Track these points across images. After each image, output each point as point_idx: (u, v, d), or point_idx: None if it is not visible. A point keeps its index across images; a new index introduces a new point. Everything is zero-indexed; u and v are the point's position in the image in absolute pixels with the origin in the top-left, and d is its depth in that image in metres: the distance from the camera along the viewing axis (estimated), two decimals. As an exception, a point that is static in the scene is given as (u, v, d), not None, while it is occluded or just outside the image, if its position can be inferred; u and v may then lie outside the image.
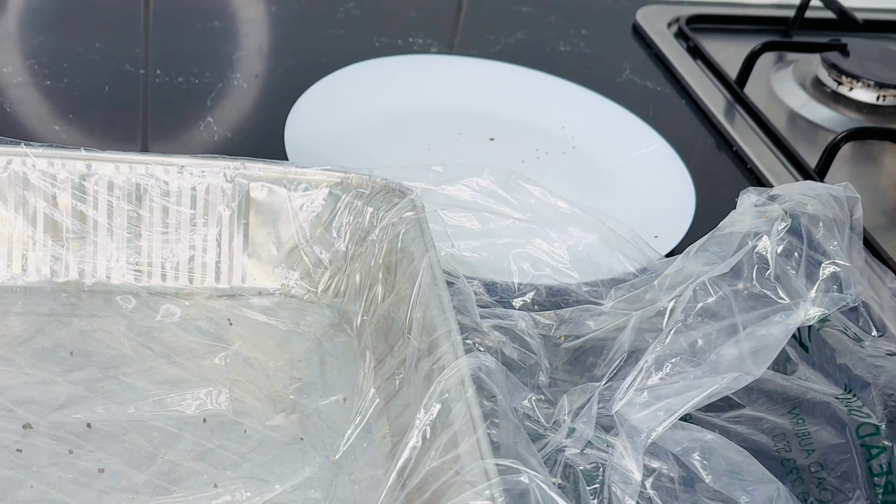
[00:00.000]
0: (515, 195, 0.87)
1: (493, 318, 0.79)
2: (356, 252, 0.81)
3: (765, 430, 0.74)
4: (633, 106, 1.13)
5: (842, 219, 0.77)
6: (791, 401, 0.76)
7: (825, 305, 0.74)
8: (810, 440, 0.73)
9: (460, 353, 0.68)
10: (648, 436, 0.68)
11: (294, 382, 0.77)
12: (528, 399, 0.73)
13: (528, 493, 0.61)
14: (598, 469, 0.70)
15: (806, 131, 1.20)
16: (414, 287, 0.74)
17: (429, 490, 0.64)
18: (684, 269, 0.77)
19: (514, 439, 0.67)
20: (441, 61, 1.17)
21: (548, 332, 0.80)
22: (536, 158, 1.05)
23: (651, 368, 0.71)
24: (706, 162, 1.11)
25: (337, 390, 0.77)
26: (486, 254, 0.85)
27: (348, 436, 0.73)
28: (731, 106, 1.18)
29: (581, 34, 1.30)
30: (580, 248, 0.87)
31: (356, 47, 1.17)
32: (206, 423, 0.73)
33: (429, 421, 0.67)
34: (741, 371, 0.69)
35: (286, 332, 0.81)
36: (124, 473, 0.69)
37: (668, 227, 0.96)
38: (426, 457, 0.66)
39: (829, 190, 0.79)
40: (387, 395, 0.74)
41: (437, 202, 0.85)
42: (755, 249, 0.75)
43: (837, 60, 1.24)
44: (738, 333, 0.71)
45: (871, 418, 0.72)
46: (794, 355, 0.80)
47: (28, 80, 1.04)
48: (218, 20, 1.19)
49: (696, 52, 1.27)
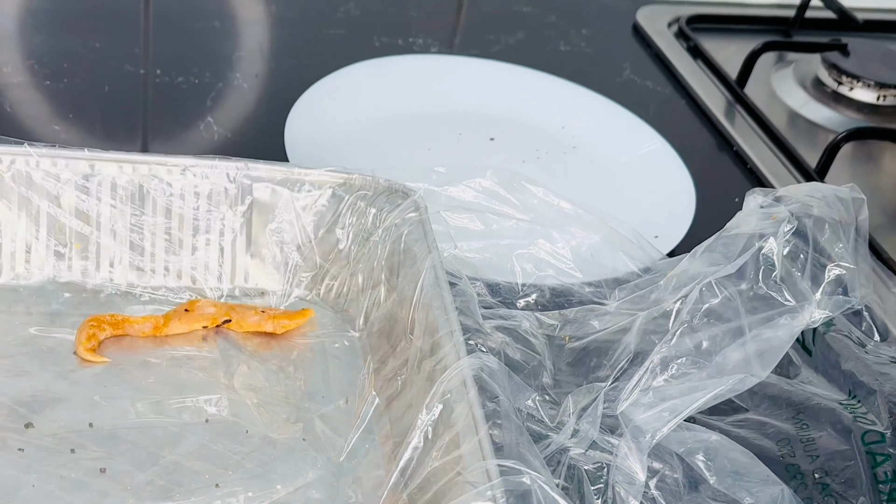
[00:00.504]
0: (518, 196, 0.87)
1: (497, 318, 0.79)
2: (359, 253, 0.81)
3: (769, 435, 0.74)
4: (633, 106, 1.13)
5: (847, 221, 0.78)
6: (795, 406, 0.76)
7: (830, 308, 0.74)
8: (814, 445, 0.73)
9: (463, 354, 0.68)
10: (653, 436, 0.68)
11: (296, 384, 0.77)
12: (531, 399, 0.73)
13: (530, 494, 0.61)
14: (602, 469, 0.70)
15: (806, 131, 1.20)
16: (416, 288, 0.74)
17: (431, 490, 0.64)
18: (691, 269, 0.77)
19: (517, 440, 0.67)
20: (441, 61, 1.17)
21: (552, 333, 0.80)
22: (537, 158, 1.05)
23: (656, 369, 0.71)
24: (706, 162, 1.11)
25: (339, 392, 0.77)
26: (489, 255, 0.85)
27: (350, 437, 0.73)
28: (731, 106, 1.19)
29: (581, 34, 1.30)
30: (583, 249, 0.87)
31: (356, 47, 1.17)
32: (208, 423, 0.73)
33: (431, 421, 0.67)
34: (747, 373, 0.70)
35: (288, 333, 0.81)
36: (126, 473, 0.69)
37: (668, 227, 0.96)
38: (428, 457, 0.66)
39: (835, 191, 0.79)
40: (389, 396, 0.74)
41: (440, 203, 0.85)
42: (761, 251, 0.75)
43: (837, 60, 1.24)
44: (743, 335, 0.71)
45: (876, 425, 0.72)
46: (797, 359, 0.80)
47: (28, 80, 1.04)
48: (218, 20, 1.19)
49: (696, 51, 1.27)
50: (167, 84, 1.07)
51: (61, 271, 0.81)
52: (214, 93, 1.06)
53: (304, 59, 1.15)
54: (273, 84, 1.11)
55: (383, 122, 1.06)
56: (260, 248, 0.83)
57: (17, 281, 0.80)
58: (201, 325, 0.79)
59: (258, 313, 0.80)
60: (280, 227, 0.82)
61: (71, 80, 1.04)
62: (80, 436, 0.71)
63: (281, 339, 0.80)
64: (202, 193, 0.81)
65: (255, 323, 0.80)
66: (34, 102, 1.01)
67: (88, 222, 0.80)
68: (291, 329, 0.80)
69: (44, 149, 0.78)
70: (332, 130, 1.02)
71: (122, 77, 1.06)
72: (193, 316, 0.79)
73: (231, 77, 1.09)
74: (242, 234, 0.82)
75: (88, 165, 0.79)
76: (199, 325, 0.79)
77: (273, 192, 0.82)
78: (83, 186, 0.79)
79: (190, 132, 1.01)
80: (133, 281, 0.82)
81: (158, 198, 0.80)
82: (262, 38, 1.19)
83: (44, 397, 0.73)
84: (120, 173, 0.80)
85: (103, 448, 0.70)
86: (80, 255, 0.81)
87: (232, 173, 0.81)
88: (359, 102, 1.07)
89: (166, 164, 0.80)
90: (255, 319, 0.80)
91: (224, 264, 0.83)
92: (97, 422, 0.72)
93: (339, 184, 0.82)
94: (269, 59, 1.15)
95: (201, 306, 0.80)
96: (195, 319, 0.79)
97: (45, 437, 0.70)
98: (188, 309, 0.80)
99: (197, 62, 1.10)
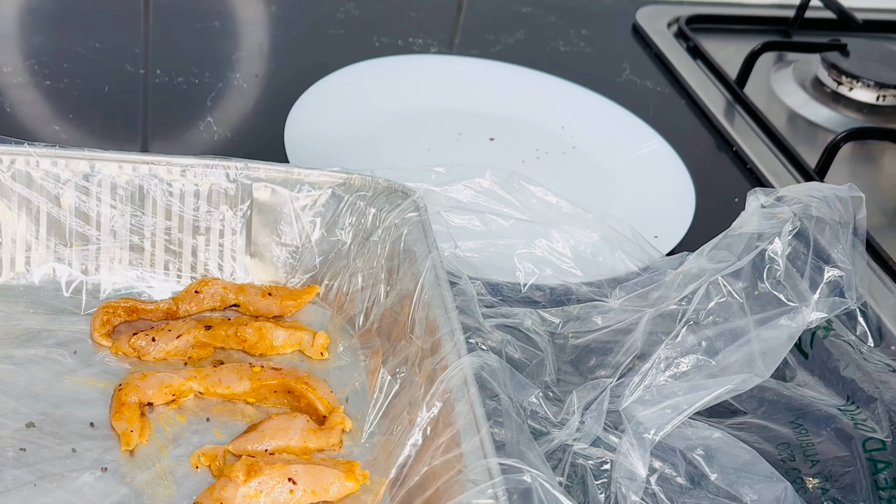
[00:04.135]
0: (517, 195, 0.87)
1: (499, 316, 0.79)
2: (358, 253, 0.81)
3: (769, 439, 0.74)
4: (633, 106, 1.13)
5: (846, 220, 0.78)
6: (794, 410, 0.76)
7: (826, 310, 0.74)
8: (814, 450, 0.73)
9: (463, 353, 0.69)
10: (657, 433, 0.68)
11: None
12: (534, 396, 0.73)
13: (531, 491, 0.61)
14: (605, 464, 0.70)
15: (806, 131, 1.20)
16: (417, 287, 0.74)
17: (431, 488, 0.64)
18: (697, 267, 0.77)
19: (517, 438, 0.67)
20: (441, 61, 1.17)
21: (554, 330, 0.80)
22: (536, 158, 1.05)
23: (661, 366, 0.71)
24: (706, 162, 1.11)
25: (340, 390, 0.77)
26: (489, 254, 0.85)
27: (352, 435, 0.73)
28: (731, 106, 1.19)
29: (581, 34, 1.30)
30: (582, 248, 0.87)
31: (356, 47, 1.17)
32: (210, 422, 0.73)
33: (430, 419, 0.67)
34: (750, 372, 0.70)
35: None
36: (127, 472, 0.69)
37: (668, 226, 0.96)
38: (426, 455, 0.66)
39: (835, 191, 0.79)
40: (389, 394, 0.74)
41: (440, 203, 0.85)
42: (766, 252, 0.75)
43: (837, 60, 1.24)
44: (747, 335, 0.71)
45: (876, 433, 0.73)
46: (793, 361, 0.80)
47: (28, 80, 1.04)
48: (218, 20, 1.19)
49: (696, 52, 1.28)
50: (167, 84, 1.07)
51: (61, 271, 0.81)
52: (214, 93, 1.06)
53: (304, 59, 1.15)
54: (273, 84, 1.11)
55: (383, 122, 1.06)
56: (260, 248, 0.83)
57: (18, 280, 0.80)
58: (210, 308, 0.80)
59: (265, 295, 0.81)
60: (280, 227, 0.82)
61: (71, 80, 1.04)
62: (81, 435, 0.71)
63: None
64: (202, 193, 0.81)
65: (264, 308, 0.80)
66: (34, 102, 1.01)
67: (88, 222, 0.80)
68: (297, 308, 0.81)
69: (44, 149, 0.79)
70: (332, 130, 1.02)
71: (122, 77, 1.07)
72: (203, 299, 0.80)
73: (231, 77, 1.09)
74: (242, 234, 0.82)
75: (88, 165, 0.79)
76: (209, 308, 0.80)
77: (273, 192, 0.82)
78: (83, 186, 0.79)
79: (190, 132, 1.01)
80: (133, 280, 0.82)
81: (158, 198, 0.81)
82: (262, 38, 1.19)
83: (45, 396, 0.73)
84: (120, 173, 0.80)
85: (104, 447, 0.70)
86: (80, 255, 0.81)
87: (232, 173, 0.81)
88: (359, 102, 1.07)
89: (166, 164, 0.80)
90: (264, 304, 0.80)
91: (224, 264, 0.83)
92: (98, 421, 0.72)
93: (339, 184, 0.82)
94: (269, 59, 1.15)
95: (210, 285, 0.80)
96: (205, 302, 0.80)
97: (46, 437, 0.70)
98: (198, 290, 0.80)
99: (197, 62, 1.11)
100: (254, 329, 0.78)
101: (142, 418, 0.71)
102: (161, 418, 0.73)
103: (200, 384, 0.74)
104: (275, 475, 0.67)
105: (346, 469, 0.69)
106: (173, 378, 0.74)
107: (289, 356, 0.79)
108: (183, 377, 0.74)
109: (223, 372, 0.75)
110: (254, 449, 0.71)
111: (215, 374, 0.75)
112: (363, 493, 0.69)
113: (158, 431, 0.72)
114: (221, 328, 0.78)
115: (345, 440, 0.73)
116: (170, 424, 0.73)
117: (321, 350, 0.79)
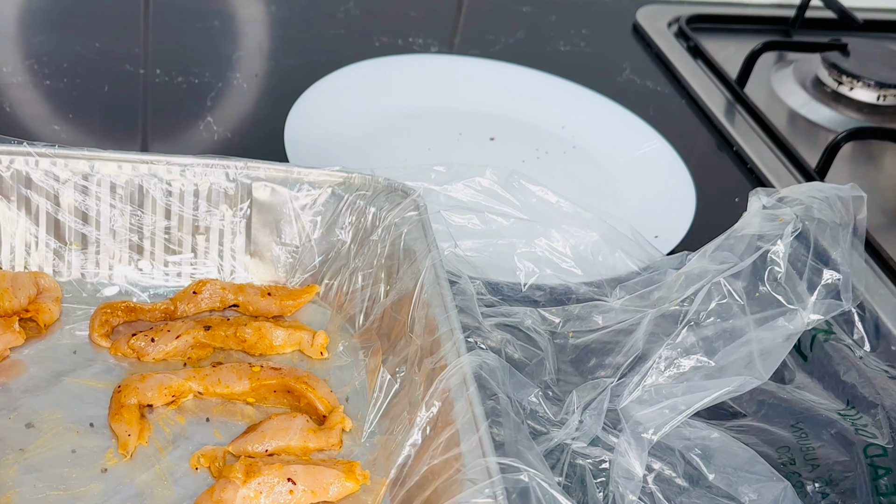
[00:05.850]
0: (517, 195, 0.87)
1: (499, 315, 0.79)
2: (358, 252, 0.81)
3: (769, 442, 0.74)
4: (633, 106, 1.13)
5: (846, 221, 0.78)
6: (794, 414, 0.76)
7: (822, 312, 0.74)
8: (814, 455, 0.73)
9: (463, 352, 0.69)
10: (655, 433, 0.68)
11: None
12: (534, 395, 0.73)
13: (529, 490, 0.61)
14: (604, 463, 0.70)
15: (806, 131, 1.20)
16: (416, 286, 0.74)
17: (430, 487, 0.64)
18: (699, 268, 0.77)
19: (515, 437, 0.67)
20: (441, 61, 1.17)
21: (554, 329, 0.80)
22: (536, 158, 1.05)
23: (661, 366, 0.71)
24: (706, 162, 1.11)
25: (340, 390, 0.77)
26: (488, 253, 0.85)
27: (352, 434, 0.73)
28: (731, 106, 1.19)
29: (581, 34, 1.30)
30: (583, 247, 0.87)
31: (356, 47, 1.17)
32: (209, 422, 0.73)
33: (429, 418, 0.67)
34: (749, 374, 0.70)
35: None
36: (126, 473, 0.69)
37: (668, 226, 0.96)
38: (426, 454, 0.66)
39: (837, 191, 0.79)
40: (389, 393, 0.74)
41: (440, 202, 0.85)
42: (768, 254, 0.75)
43: (838, 60, 1.24)
44: (746, 335, 0.71)
45: (877, 438, 0.73)
46: (792, 363, 0.80)
47: (28, 80, 1.04)
48: (218, 20, 1.19)
49: (696, 51, 1.28)
50: (167, 84, 1.07)
51: (61, 270, 0.81)
52: (214, 93, 1.06)
53: (304, 59, 1.15)
54: (273, 84, 1.11)
55: (383, 122, 1.06)
56: (260, 248, 0.83)
57: (17, 280, 0.80)
58: (210, 309, 0.80)
59: (265, 295, 0.81)
60: (279, 226, 0.82)
61: (71, 80, 1.04)
62: (81, 435, 0.71)
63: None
64: (202, 193, 0.81)
65: (263, 308, 0.80)
66: (34, 102, 1.01)
67: (88, 221, 0.80)
68: (297, 308, 0.81)
69: (43, 148, 0.79)
70: (332, 130, 1.02)
71: (122, 77, 1.07)
72: (202, 300, 0.80)
73: (231, 77, 1.09)
74: (242, 234, 0.82)
75: (88, 165, 0.79)
76: (208, 309, 0.80)
77: (273, 192, 0.82)
78: (82, 186, 0.79)
79: (190, 132, 1.01)
80: (132, 280, 0.82)
81: (158, 197, 0.81)
82: (262, 38, 1.19)
83: (45, 396, 0.73)
84: (119, 173, 0.80)
85: (104, 447, 0.70)
86: (80, 255, 0.81)
87: (231, 173, 0.81)
88: (359, 102, 1.07)
89: (166, 164, 0.80)
90: (263, 304, 0.80)
91: (223, 263, 0.83)
92: (98, 421, 0.72)
93: (339, 183, 0.82)
94: (269, 59, 1.15)
95: (208, 287, 0.80)
96: (204, 303, 0.80)
97: (46, 437, 0.70)
98: (196, 291, 0.80)
99: (197, 62, 1.11)
100: (253, 329, 0.78)
101: (141, 420, 0.71)
102: (160, 419, 0.73)
103: (200, 384, 0.74)
104: (274, 476, 0.67)
105: (346, 469, 0.69)
106: (172, 379, 0.73)
107: (288, 356, 0.79)
108: (182, 377, 0.74)
109: (222, 372, 0.75)
110: (253, 449, 0.70)
111: (215, 374, 0.75)
112: (363, 493, 0.69)
113: (158, 432, 0.72)
114: (221, 328, 0.78)
115: (345, 440, 0.73)
116: (169, 425, 0.73)
117: (321, 350, 0.79)
